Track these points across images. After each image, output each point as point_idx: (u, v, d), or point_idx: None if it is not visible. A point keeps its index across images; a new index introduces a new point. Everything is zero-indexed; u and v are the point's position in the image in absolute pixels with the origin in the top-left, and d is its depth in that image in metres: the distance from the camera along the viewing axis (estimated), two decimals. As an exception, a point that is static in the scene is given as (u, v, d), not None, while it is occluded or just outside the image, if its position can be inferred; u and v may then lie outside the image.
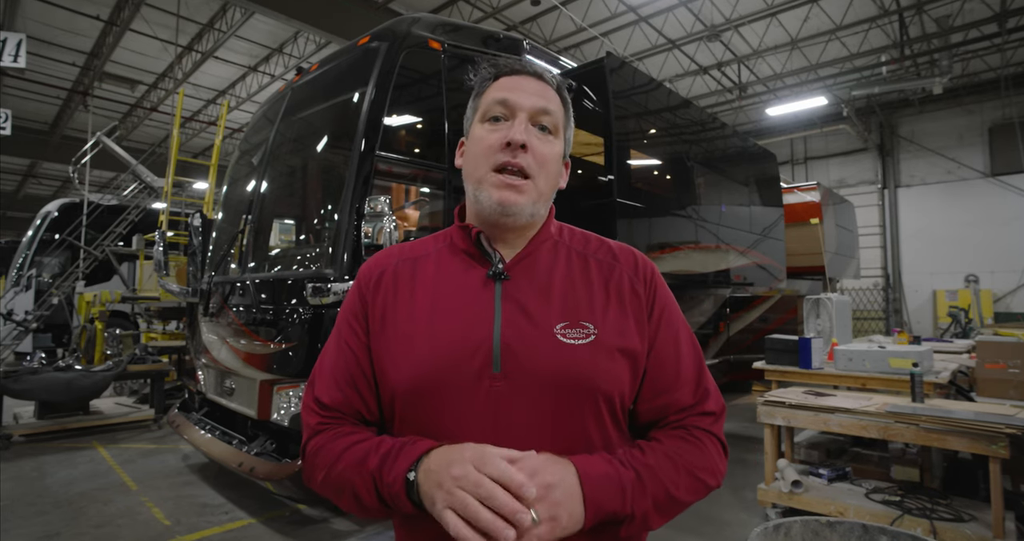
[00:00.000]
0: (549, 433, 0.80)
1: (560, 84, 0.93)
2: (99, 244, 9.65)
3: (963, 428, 2.73)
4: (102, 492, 3.90)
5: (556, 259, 0.91)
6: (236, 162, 4.67)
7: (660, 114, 5.25)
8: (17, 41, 7.53)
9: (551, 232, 0.93)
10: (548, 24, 11.22)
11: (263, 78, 13.43)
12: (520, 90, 0.88)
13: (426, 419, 0.82)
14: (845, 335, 4.70)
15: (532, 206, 0.86)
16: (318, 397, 0.89)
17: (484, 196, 0.85)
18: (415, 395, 0.82)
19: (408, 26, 3.44)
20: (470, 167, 0.89)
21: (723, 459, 0.88)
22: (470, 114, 0.94)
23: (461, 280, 0.88)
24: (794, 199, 8.63)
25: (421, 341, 0.84)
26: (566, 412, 0.81)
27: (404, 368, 0.83)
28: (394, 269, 0.92)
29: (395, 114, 3.25)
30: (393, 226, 2.70)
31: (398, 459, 0.76)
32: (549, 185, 0.89)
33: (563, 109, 0.92)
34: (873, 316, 14.85)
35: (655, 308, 0.90)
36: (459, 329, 0.83)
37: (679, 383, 0.88)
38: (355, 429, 0.87)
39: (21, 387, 4.90)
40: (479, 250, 0.89)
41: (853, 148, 15.27)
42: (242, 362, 3.34)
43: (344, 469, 0.80)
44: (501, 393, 0.80)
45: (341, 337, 0.91)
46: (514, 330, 0.82)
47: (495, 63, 0.93)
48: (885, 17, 10.29)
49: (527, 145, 0.84)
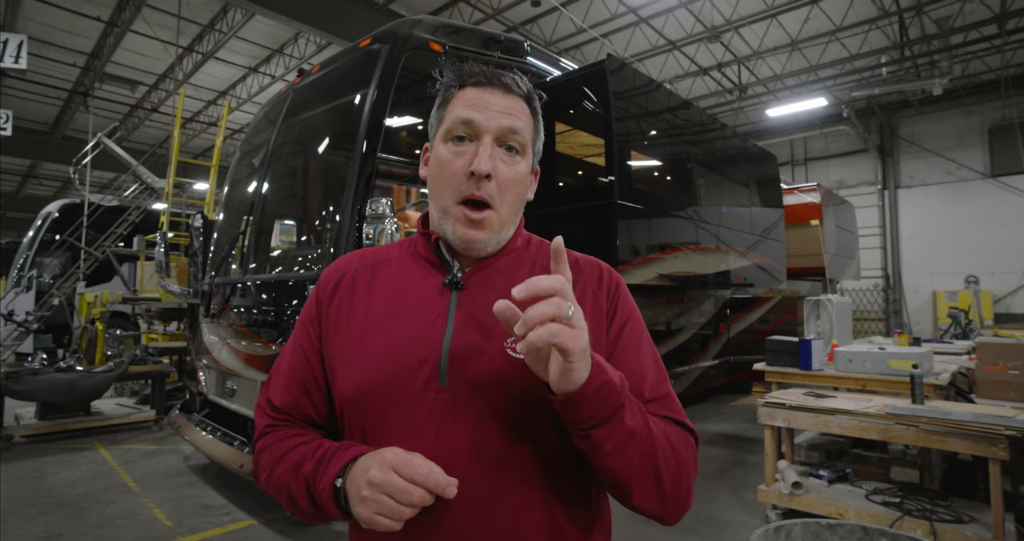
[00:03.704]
0: (494, 451, 0.76)
1: (530, 93, 0.88)
2: (100, 245, 9.65)
3: (963, 430, 2.73)
4: (103, 493, 3.91)
5: (517, 270, 0.88)
6: (237, 163, 4.68)
7: (660, 115, 5.26)
8: (18, 42, 7.56)
9: (516, 245, 0.91)
10: (548, 25, 11.23)
11: (264, 79, 13.44)
12: (486, 108, 0.83)
13: (371, 429, 0.80)
14: (845, 336, 4.70)
15: (496, 236, 0.85)
16: (270, 398, 0.89)
17: (448, 230, 0.83)
18: (360, 404, 0.81)
19: (409, 28, 3.46)
20: (434, 190, 0.86)
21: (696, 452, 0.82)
22: (434, 122, 0.89)
23: (417, 287, 0.86)
24: (794, 200, 8.64)
25: (370, 348, 0.82)
26: (513, 427, 0.77)
27: (351, 375, 0.82)
28: (353, 273, 0.91)
29: (396, 116, 3.26)
30: (394, 228, 2.71)
31: (330, 465, 0.75)
32: (513, 209, 0.87)
33: (532, 122, 0.88)
34: (873, 317, 14.86)
35: (616, 320, 0.87)
36: (409, 338, 0.81)
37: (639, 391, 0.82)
38: (301, 432, 0.86)
39: (22, 388, 4.91)
40: (439, 258, 0.87)
41: (853, 149, 15.28)
42: (243, 363, 3.34)
43: (283, 472, 0.80)
44: (446, 406, 0.77)
45: (297, 340, 0.91)
46: (464, 341, 0.79)
47: (460, 69, 0.87)
48: (885, 18, 10.29)
49: (491, 174, 0.80)
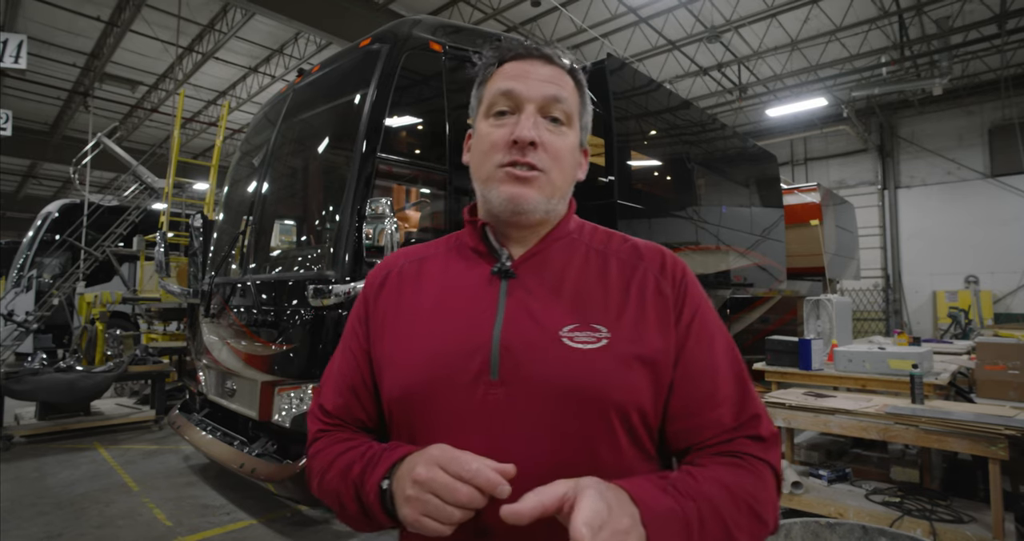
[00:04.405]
0: (550, 450, 0.70)
1: (573, 65, 0.83)
2: (100, 245, 9.64)
3: (963, 429, 2.73)
4: (103, 493, 3.91)
5: (571, 257, 0.82)
6: (237, 163, 4.68)
7: (660, 115, 5.26)
8: (18, 42, 7.56)
9: (569, 228, 0.85)
10: (548, 25, 11.23)
11: (264, 79, 13.44)
12: (527, 78, 0.78)
13: (418, 429, 0.76)
14: (845, 336, 4.70)
15: (547, 202, 0.78)
16: (322, 403, 0.87)
17: (493, 194, 0.78)
18: (406, 403, 0.77)
19: (409, 28, 3.45)
20: (476, 165, 0.82)
21: (778, 496, 0.75)
22: (474, 104, 0.85)
23: (465, 279, 0.82)
24: (794, 200, 8.63)
25: (417, 346, 0.78)
26: (572, 426, 0.71)
27: (397, 375, 0.79)
28: (400, 270, 0.88)
29: (396, 116, 3.25)
30: (394, 228, 2.71)
31: (377, 466, 0.71)
32: (565, 179, 0.80)
33: (578, 94, 0.83)
34: (873, 317, 14.85)
35: (684, 312, 0.79)
36: (458, 330, 0.76)
37: (716, 400, 0.75)
38: (352, 435, 0.83)
39: (22, 388, 4.91)
40: (487, 247, 0.83)
41: (853, 149, 15.27)
42: (243, 363, 3.34)
43: (333, 477, 0.77)
44: (498, 402, 0.72)
45: (346, 343, 0.89)
46: (516, 332, 0.74)
47: (499, 46, 0.83)
48: (885, 18, 10.29)
49: (537, 142, 0.76)
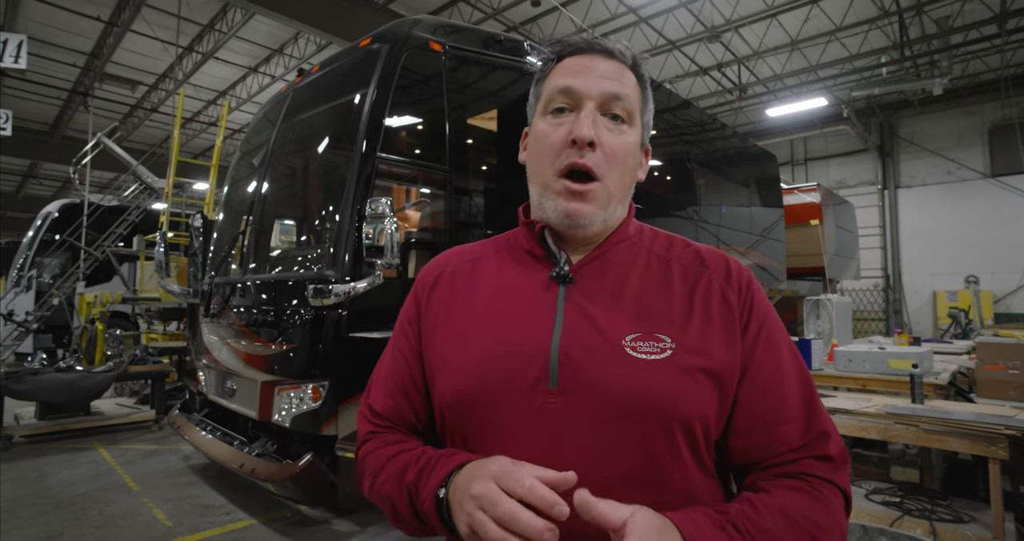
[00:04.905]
0: (609, 463, 0.68)
1: (635, 60, 0.80)
2: (100, 245, 9.64)
3: (963, 429, 2.73)
4: (103, 493, 3.90)
5: (632, 262, 0.80)
6: (237, 163, 4.68)
7: (660, 115, 5.26)
8: (18, 42, 7.55)
9: (628, 233, 0.82)
10: (548, 25, 11.22)
11: (264, 79, 13.43)
12: (587, 74, 0.76)
13: (472, 437, 0.74)
14: (845, 336, 4.71)
15: (603, 212, 0.76)
16: (371, 404, 0.86)
17: (549, 206, 0.76)
18: (460, 409, 0.75)
19: (409, 28, 3.45)
20: (533, 167, 0.80)
21: (847, 519, 0.71)
22: (532, 102, 0.83)
23: (522, 282, 0.79)
24: (794, 200, 8.64)
25: (471, 350, 0.76)
26: (633, 439, 0.68)
27: (450, 379, 0.77)
28: (452, 270, 0.86)
29: (396, 115, 3.25)
30: (394, 228, 2.71)
31: (433, 473, 0.69)
32: (623, 183, 0.78)
33: (639, 90, 0.80)
34: (873, 317, 14.85)
35: (751, 323, 0.76)
36: (514, 336, 0.74)
37: (783, 416, 0.72)
38: (403, 438, 0.82)
39: (22, 388, 4.91)
40: (544, 250, 0.80)
41: (853, 149, 15.27)
42: (243, 363, 3.34)
43: (385, 480, 0.76)
44: (556, 412, 0.69)
45: (396, 344, 0.87)
46: (576, 339, 0.72)
47: (558, 41, 0.81)
48: (885, 18, 10.28)
49: (595, 142, 0.73)
